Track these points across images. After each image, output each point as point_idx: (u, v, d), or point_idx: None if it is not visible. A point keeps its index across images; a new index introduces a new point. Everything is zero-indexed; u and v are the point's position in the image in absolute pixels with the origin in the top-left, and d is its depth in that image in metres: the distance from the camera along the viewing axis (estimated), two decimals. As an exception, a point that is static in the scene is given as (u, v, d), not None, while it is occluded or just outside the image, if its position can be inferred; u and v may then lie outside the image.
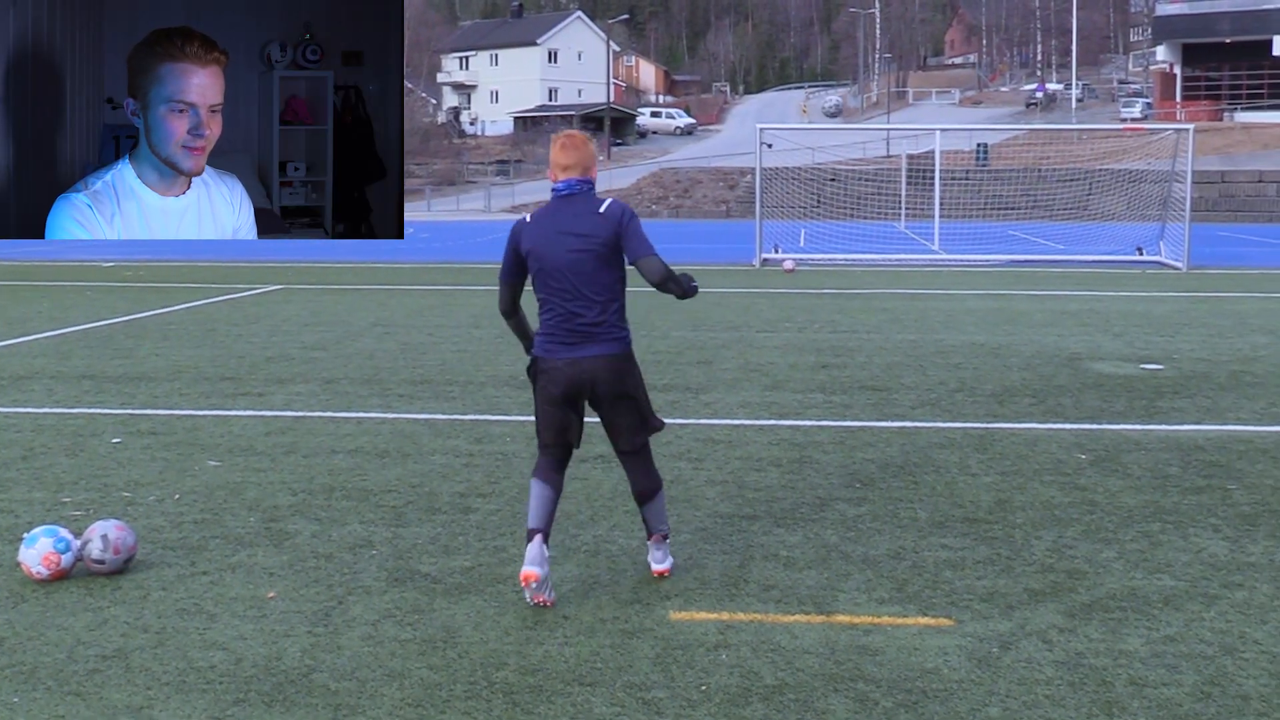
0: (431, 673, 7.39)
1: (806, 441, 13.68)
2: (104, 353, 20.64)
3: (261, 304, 28.69)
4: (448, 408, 15.55)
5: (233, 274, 37.39)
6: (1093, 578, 9.11)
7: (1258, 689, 7.10)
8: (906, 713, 6.81)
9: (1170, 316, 25.67)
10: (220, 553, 9.78)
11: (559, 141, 8.71)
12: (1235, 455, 13.01)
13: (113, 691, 7.14)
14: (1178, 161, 44.19)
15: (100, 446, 13.58)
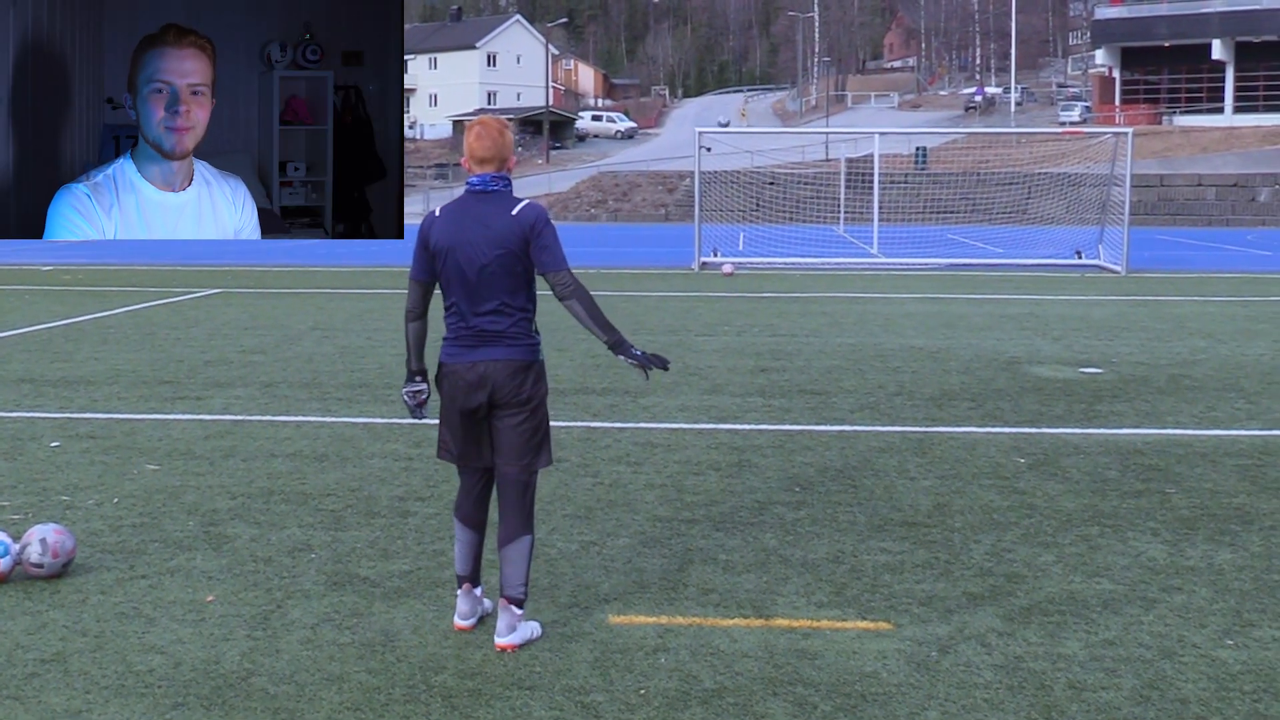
0: (370, 676, 7.38)
1: (745, 445, 13.70)
2: (42, 357, 20.52)
3: (200, 308, 28.56)
4: (386, 411, 15.52)
5: (171, 278, 37.20)
6: (1031, 581, 9.15)
7: (1196, 693, 7.13)
8: (845, 716, 6.82)
9: (1109, 320, 25.80)
10: (159, 556, 9.74)
11: (473, 129, 8.06)
12: (1174, 459, 13.08)
13: (51, 695, 7.11)
14: (1116, 165, 44.40)
15: (38, 450, 13.51)
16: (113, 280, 36.45)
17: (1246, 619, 8.36)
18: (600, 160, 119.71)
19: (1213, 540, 10.17)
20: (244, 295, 31.88)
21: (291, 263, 44.00)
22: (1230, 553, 9.84)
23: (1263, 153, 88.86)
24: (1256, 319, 25.98)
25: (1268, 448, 13.65)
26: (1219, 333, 23.56)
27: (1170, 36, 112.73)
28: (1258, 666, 7.53)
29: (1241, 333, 23.56)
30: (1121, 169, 43.06)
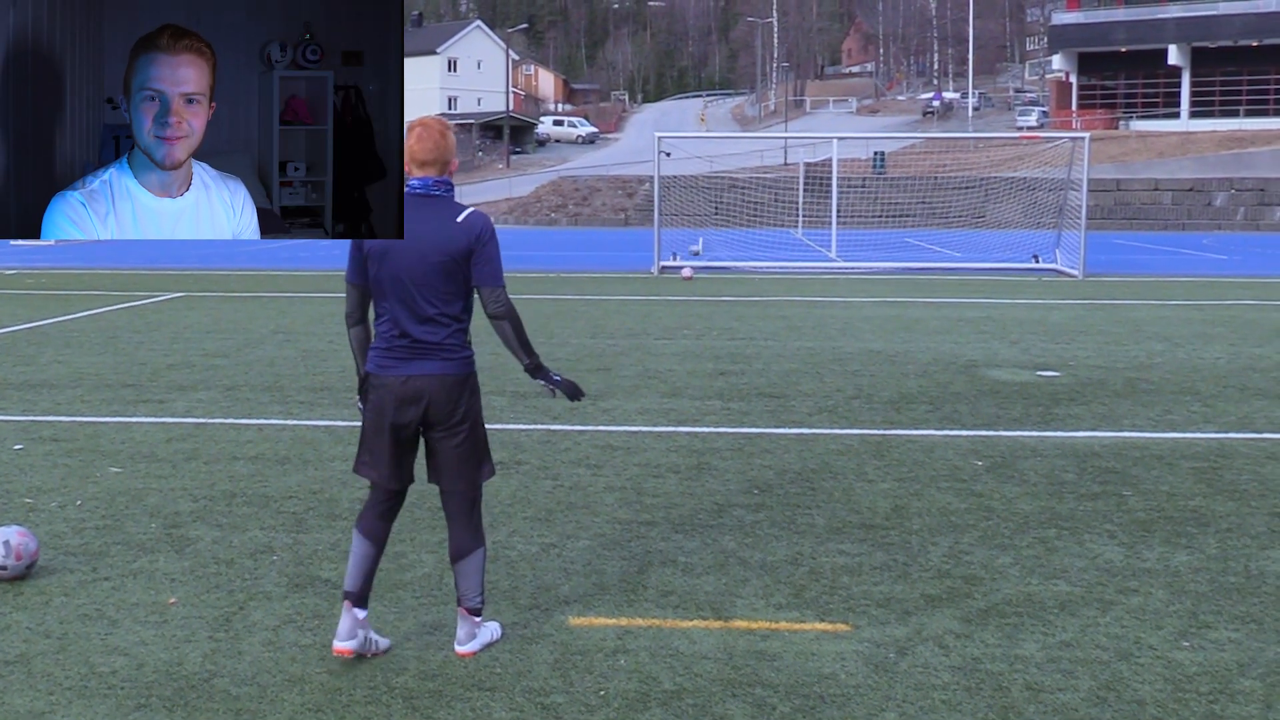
0: (332, 678, 7.37)
1: (705, 448, 13.71)
2: (5, 360, 20.44)
3: (162, 311, 28.47)
4: (348, 414, 15.49)
5: (134, 281, 37.06)
6: (989, 584, 9.17)
7: (1153, 694, 7.16)
8: (804, 718, 6.83)
9: (1066, 324, 25.87)
10: (122, 559, 9.72)
11: (414, 131, 7.77)
12: (1130, 462, 13.13)
13: (14, 697, 7.10)
14: (1073, 169, 44.51)
15: (2, 453, 13.46)
16: (75, 284, 36.32)
17: (1202, 621, 8.39)
18: (560, 165, 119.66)
19: (1169, 542, 10.21)
20: (206, 299, 31.79)
21: (253, 267, 43.91)
22: (1186, 555, 9.88)
23: (1219, 157, 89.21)
24: (1213, 323, 26.07)
25: (1224, 451, 13.70)
26: (1175, 336, 23.65)
27: (1126, 42, 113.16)
28: (1214, 668, 7.56)
29: (1198, 336, 23.65)
30: (1078, 173, 43.18)
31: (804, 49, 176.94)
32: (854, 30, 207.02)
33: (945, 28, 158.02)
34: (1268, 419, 15.44)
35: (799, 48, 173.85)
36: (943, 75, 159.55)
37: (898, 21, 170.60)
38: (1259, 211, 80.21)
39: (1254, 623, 8.36)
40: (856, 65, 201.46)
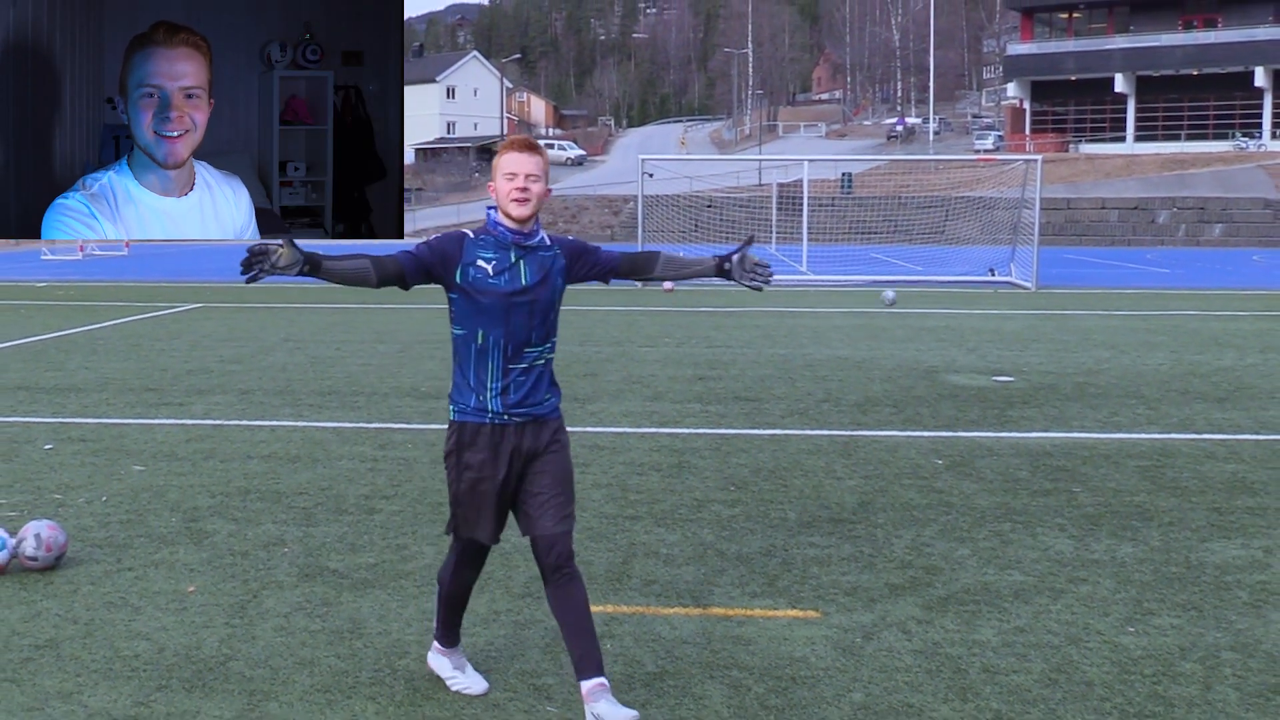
0: (339, 661, 7.37)
1: (685, 448, 13.71)
2: (37, 366, 20.41)
3: (182, 321, 28.44)
4: (354, 416, 15.48)
5: (155, 293, 37.05)
6: (948, 573, 9.18)
7: (1100, 676, 7.17)
8: (777, 698, 6.84)
9: (1020, 332, 25.88)
10: (144, 550, 9.71)
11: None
12: (1080, 460, 13.14)
13: (45, 679, 7.09)
14: (1027, 190, 44.58)
15: (33, 452, 13.44)
16: (101, 296, 36.27)
17: (1146, 608, 8.40)
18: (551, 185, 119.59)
19: (1115, 535, 10.22)
20: (222, 310, 31.76)
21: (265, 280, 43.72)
22: (1132, 547, 9.89)
23: (1161, 178, 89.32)
24: (1156, 331, 26.10)
25: (1166, 450, 13.72)
26: (1121, 344, 23.67)
27: (1076, 71, 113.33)
28: (1157, 652, 7.56)
29: (1142, 344, 23.67)
30: (1031, 193, 43.25)
31: (777, 78, 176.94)
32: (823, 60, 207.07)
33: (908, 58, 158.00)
34: (1207, 420, 15.46)
35: (772, 76, 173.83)
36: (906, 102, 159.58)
37: (864, 52, 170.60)
38: (1198, 228, 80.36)
39: (1194, 610, 8.37)
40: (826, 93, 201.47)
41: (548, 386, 6.79)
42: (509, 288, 6.51)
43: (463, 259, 6.51)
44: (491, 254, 6.53)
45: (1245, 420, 15.54)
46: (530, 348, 6.63)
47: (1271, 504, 11.30)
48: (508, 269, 6.53)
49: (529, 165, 6.55)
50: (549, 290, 6.67)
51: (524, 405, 6.63)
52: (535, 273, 6.60)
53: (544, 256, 6.68)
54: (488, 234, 6.60)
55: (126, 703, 6.77)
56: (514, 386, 6.61)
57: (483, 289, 6.49)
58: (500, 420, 6.60)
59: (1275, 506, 11.21)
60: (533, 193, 6.54)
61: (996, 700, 6.82)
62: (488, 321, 6.52)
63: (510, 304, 6.52)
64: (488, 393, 6.59)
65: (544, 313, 6.66)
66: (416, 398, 17.03)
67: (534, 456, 6.68)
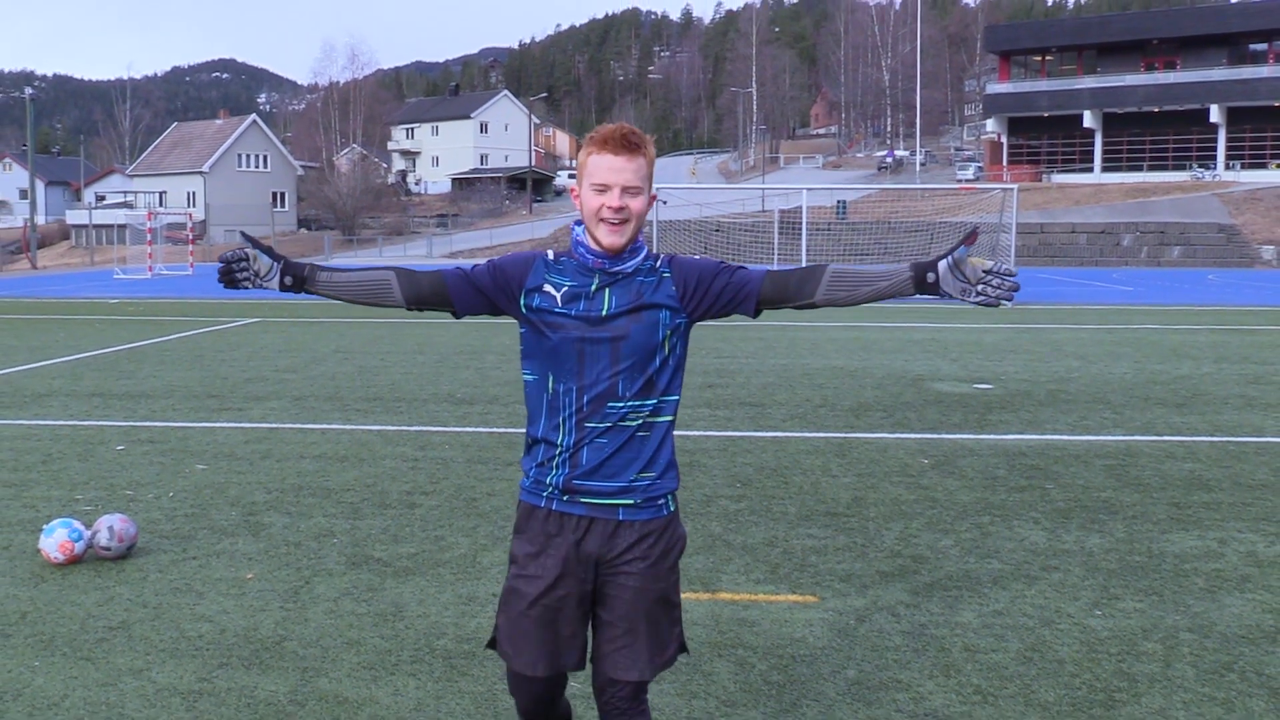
0: (383, 641, 7.37)
1: (695, 448, 13.70)
2: (110, 374, 20.46)
3: (242, 334, 28.49)
4: (396, 420, 15.49)
5: (217, 309, 37.15)
6: (933, 562, 9.17)
7: (1071, 654, 7.16)
8: (778, 675, 6.83)
9: (999, 344, 25.85)
10: (207, 541, 9.73)
11: None
12: (1052, 460, 13.12)
13: (118, 657, 7.10)
14: (1004, 215, 44.60)
15: (107, 453, 13.47)
16: (168, 311, 36.36)
17: (1112, 593, 8.39)
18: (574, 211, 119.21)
19: (1084, 528, 10.20)
20: (278, 324, 31.81)
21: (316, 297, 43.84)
22: (1099, 538, 9.87)
23: (1125, 205, 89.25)
24: (1121, 343, 26.05)
25: (1130, 450, 13.69)
26: (1089, 355, 23.62)
27: (1049, 108, 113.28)
28: (1121, 632, 7.55)
29: (1108, 355, 23.63)
30: (1008, 218, 43.27)
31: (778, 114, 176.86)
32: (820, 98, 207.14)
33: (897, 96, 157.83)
34: (1167, 424, 15.43)
35: (774, 113, 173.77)
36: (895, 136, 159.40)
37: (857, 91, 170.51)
38: (1159, 250, 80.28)
39: (1155, 595, 8.35)
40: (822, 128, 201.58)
41: (646, 463, 4.51)
42: (582, 317, 4.45)
43: (528, 283, 4.57)
44: (567, 279, 4.53)
45: (1201, 424, 15.51)
46: (617, 402, 4.45)
47: (1225, 499, 11.28)
48: (583, 295, 4.48)
49: (627, 173, 4.40)
50: (646, 325, 4.47)
51: (599, 479, 4.46)
52: (624, 300, 4.47)
53: (643, 282, 4.53)
54: (569, 257, 4.60)
55: (191, 679, 6.78)
56: (589, 450, 4.45)
57: (549, 320, 4.49)
58: (561, 504, 4.52)
59: (1229, 502, 11.18)
60: (632, 211, 4.44)
61: (977, 676, 6.82)
62: (557, 363, 4.49)
63: (584, 340, 4.45)
64: (555, 455, 4.51)
65: (638, 355, 4.46)
66: (453, 403, 17.05)
67: (609, 567, 4.52)
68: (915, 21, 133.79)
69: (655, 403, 4.54)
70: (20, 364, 22.15)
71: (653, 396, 4.53)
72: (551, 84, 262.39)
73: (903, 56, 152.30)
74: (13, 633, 7.56)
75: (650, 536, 4.53)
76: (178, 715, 6.29)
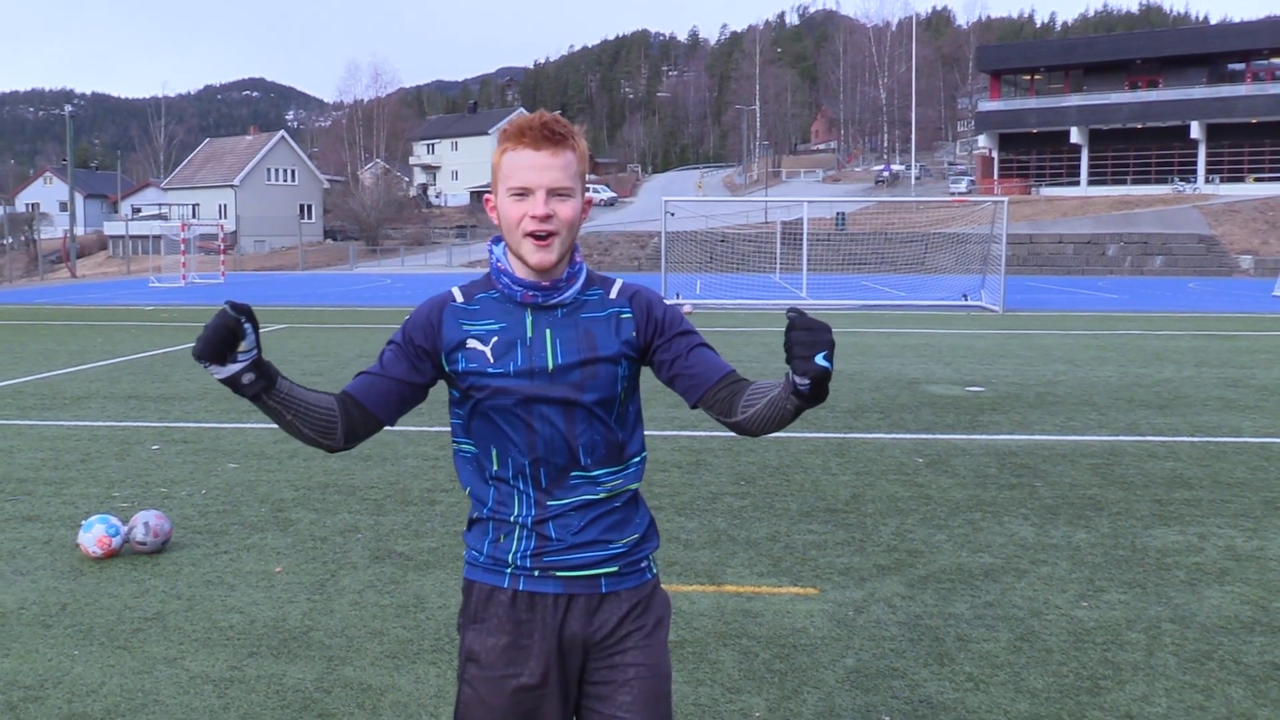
0: (405, 631, 7.38)
1: (701, 448, 13.70)
2: (145, 378, 20.49)
3: (270, 340, 28.50)
4: (418, 420, 15.48)
5: (242, 315, 37.14)
6: (928, 556, 9.17)
7: (1058, 643, 7.16)
8: (781, 663, 6.83)
9: (990, 349, 25.83)
10: (238, 536, 9.75)
11: None
12: (1040, 459, 13.11)
13: (153, 645, 7.12)
14: (995, 226, 44.56)
15: (143, 452, 13.50)
16: (202, 318, 36.38)
17: (1098, 585, 8.39)
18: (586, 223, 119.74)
19: (1071, 523, 10.20)
20: (304, 330, 31.84)
21: (341, 304, 43.96)
22: (1085, 533, 9.86)
23: (1110, 216, 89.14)
24: (1106, 348, 26.02)
25: (1114, 450, 13.68)
26: (1076, 359, 23.60)
27: (1037, 125, 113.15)
28: (1107, 623, 7.55)
29: (1094, 359, 23.61)
30: (999, 229, 43.23)
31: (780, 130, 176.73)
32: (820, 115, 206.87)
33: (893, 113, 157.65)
34: (1150, 425, 15.42)
35: (777, 129, 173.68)
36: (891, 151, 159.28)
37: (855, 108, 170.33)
38: (1142, 260, 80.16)
39: (1138, 587, 8.35)
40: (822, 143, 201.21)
41: (626, 525, 3.56)
42: (524, 374, 3.38)
43: (445, 340, 3.46)
44: (492, 322, 3.44)
45: (1182, 425, 15.49)
46: (580, 472, 3.46)
47: (1205, 496, 11.27)
48: (518, 342, 3.40)
49: (552, 170, 3.35)
50: (604, 381, 3.44)
51: (575, 551, 3.46)
52: (571, 347, 3.42)
53: (591, 320, 3.48)
54: (488, 288, 3.52)
55: (223, 667, 6.79)
56: (556, 525, 3.45)
57: (482, 384, 3.41)
58: (531, 582, 3.47)
59: (1208, 499, 11.18)
60: (561, 220, 3.36)
61: (969, 665, 6.81)
62: (499, 436, 3.46)
63: (529, 402, 3.39)
64: (515, 531, 3.50)
65: (596, 417, 3.46)
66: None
67: (600, 650, 3.50)
68: (911, 42, 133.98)
69: (629, 467, 3.57)
70: (60, 367, 22.19)
71: (619, 463, 3.53)
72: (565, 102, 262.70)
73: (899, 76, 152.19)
74: (53, 623, 7.58)
75: (639, 605, 3.55)
76: (210, 702, 6.30)
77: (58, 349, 26.12)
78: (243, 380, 3.18)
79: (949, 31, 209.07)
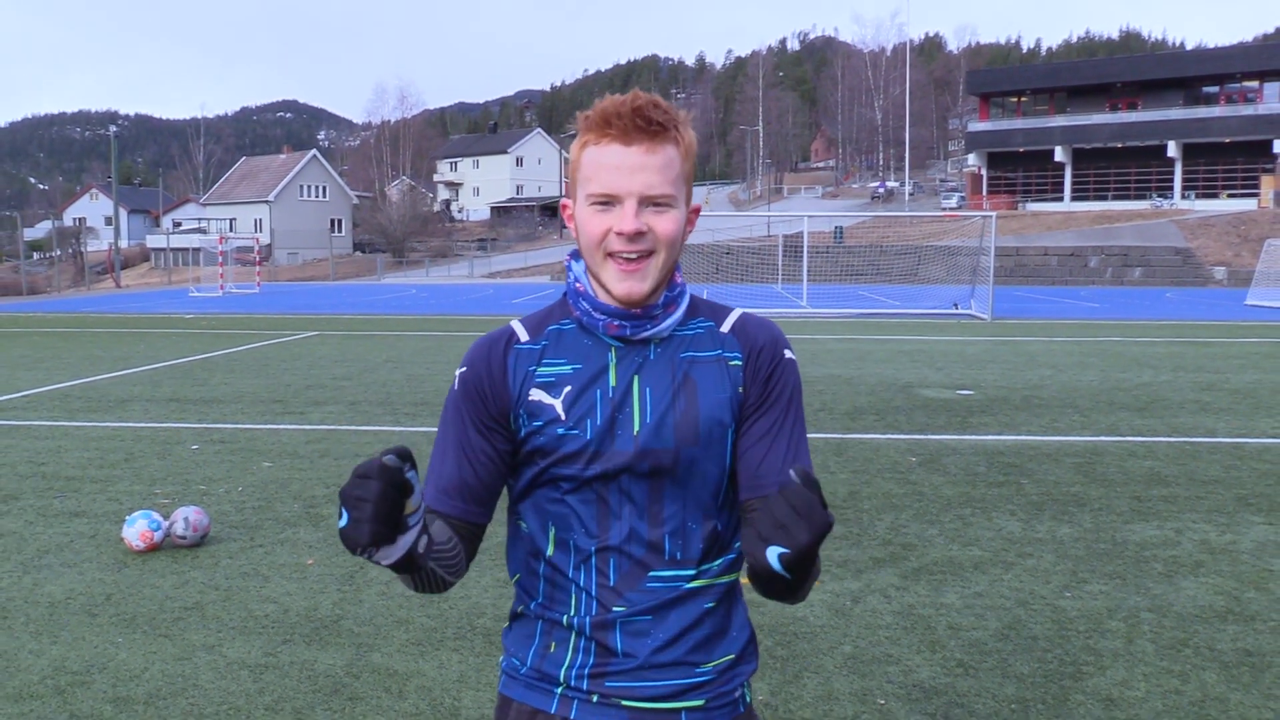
0: (429, 620, 7.39)
1: (708, 448, 13.67)
2: (185, 382, 20.51)
3: (302, 346, 28.53)
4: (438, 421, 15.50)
5: (280, 324, 37.18)
6: (921, 549, 9.16)
7: (1043, 632, 7.15)
8: (782, 649, 6.83)
9: (979, 355, 25.80)
10: (272, 531, 9.75)
11: None
12: (1026, 458, 13.09)
13: (193, 634, 7.13)
14: (984, 240, 44.57)
15: (183, 452, 13.51)
16: (237, 325, 36.43)
17: (1080, 577, 8.38)
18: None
19: (1055, 519, 10.19)
20: (335, 336, 31.86)
21: (368, 312, 43.96)
22: (1069, 528, 9.85)
23: (1093, 230, 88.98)
24: (1088, 354, 25.98)
25: (1096, 450, 13.66)
26: (1061, 364, 23.57)
27: (1024, 144, 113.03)
28: (1089, 612, 7.54)
29: (1077, 364, 23.57)
30: (987, 243, 43.22)
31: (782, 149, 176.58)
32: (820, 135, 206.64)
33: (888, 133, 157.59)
34: (1129, 426, 15.40)
35: (779, 148, 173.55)
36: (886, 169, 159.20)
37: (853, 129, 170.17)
38: (1123, 271, 79.99)
39: (1118, 578, 8.34)
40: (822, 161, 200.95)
41: (717, 642, 2.53)
42: (601, 434, 2.40)
43: (512, 392, 2.49)
44: (564, 363, 2.47)
45: (1160, 426, 15.47)
46: (663, 569, 2.45)
47: (1181, 493, 11.25)
48: (598, 394, 2.43)
49: (647, 173, 2.38)
50: (709, 433, 2.44)
51: (647, 674, 2.43)
52: (668, 393, 2.44)
53: (694, 359, 2.49)
54: (560, 317, 2.55)
55: (258, 653, 6.80)
56: (625, 635, 2.44)
57: (548, 448, 2.44)
58: (587, 709, 2.46)
59: (1184, 495, 11.16)
60: (659, 238, 2.40)
61: (959, 651, 6.81)
62: (560, 512, 2.48)
63: (606, 479, 2.42)
64: (569, 638, 2.50)
65: (696, 496, 2.47)
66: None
67: None
68: (905, 67, 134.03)
69: (721, 562, 2.54)
70: (105, 372, 22.22)
71: (717, 556, 2.53)
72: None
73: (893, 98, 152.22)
74: (99, 612, 7.60)
75: None
76: (246, 686, 6.31)
77: (103, 355, 26.17)
78: (418, 550, 2.18)
79: (941, 57, 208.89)
